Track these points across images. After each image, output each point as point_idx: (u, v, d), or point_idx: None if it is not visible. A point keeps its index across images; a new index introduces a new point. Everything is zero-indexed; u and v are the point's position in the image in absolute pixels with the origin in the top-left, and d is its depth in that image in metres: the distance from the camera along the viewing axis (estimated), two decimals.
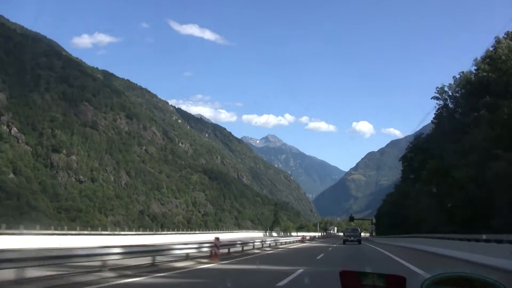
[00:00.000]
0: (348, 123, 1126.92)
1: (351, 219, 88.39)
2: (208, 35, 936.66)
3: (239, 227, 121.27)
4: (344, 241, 40.96)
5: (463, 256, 17.17)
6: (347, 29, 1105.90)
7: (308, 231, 76.91)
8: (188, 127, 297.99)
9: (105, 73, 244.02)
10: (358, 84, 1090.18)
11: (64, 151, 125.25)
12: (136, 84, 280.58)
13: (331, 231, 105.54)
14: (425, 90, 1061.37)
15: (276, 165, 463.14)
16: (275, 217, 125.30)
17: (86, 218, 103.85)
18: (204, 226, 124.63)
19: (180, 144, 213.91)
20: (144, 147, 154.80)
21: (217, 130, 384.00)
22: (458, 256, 17.98)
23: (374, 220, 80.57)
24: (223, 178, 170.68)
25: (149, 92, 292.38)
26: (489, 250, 14.64)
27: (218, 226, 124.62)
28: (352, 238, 40.76)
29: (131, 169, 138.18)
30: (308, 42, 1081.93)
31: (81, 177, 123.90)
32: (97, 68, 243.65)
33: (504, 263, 12.34)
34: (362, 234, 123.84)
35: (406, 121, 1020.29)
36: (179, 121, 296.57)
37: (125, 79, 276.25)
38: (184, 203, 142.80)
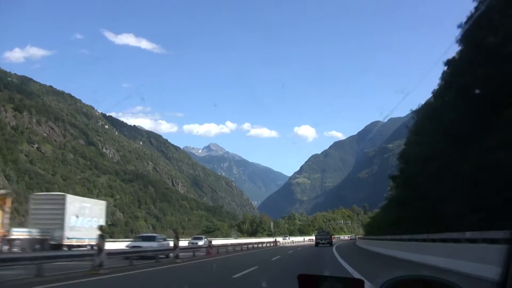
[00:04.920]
0: (290, 128, 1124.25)
1: None
2: (144, 44, 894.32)
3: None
4: (317, 244, 42.74)
5: None
6: (282, 33, 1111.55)
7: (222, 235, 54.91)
8: (117, 133, 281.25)
9: (23, 78, 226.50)
10: (298, 89, 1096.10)
11: None
12: (58, 89, 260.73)
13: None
14: (364, 91, 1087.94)
15: (219, 174, 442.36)
16: None
17: None
18: (110, 238, 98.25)
19: (104, 150, 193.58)
20: (36, 145, 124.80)
21: (153, 138, 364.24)
22: None
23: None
24: (140, 180, 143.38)
25: (72, 97, 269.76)
26: None
27: (128, 237, 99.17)
28: (323, 241, 42.60)
29: (12, 170, 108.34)
30: (246, 49, 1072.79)
31: None
32: (15, 74, 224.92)
33: None
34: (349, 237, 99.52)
35: (347, 123, 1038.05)
36: (106, 126, 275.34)
37: (47, 85, 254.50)
38: None
